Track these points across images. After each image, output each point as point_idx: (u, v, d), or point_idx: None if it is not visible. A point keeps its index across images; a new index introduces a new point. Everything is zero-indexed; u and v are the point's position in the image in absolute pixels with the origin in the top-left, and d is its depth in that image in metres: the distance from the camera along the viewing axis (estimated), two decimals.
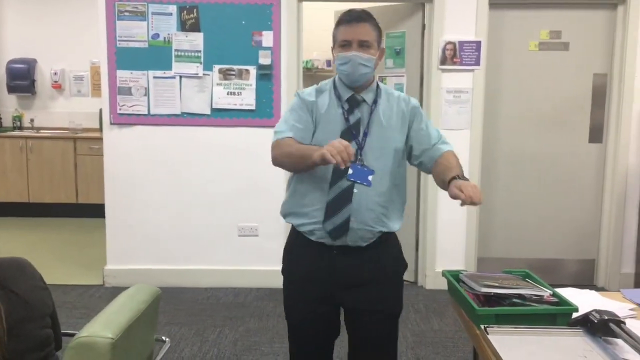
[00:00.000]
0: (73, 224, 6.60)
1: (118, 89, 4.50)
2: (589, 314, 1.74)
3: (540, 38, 4.61)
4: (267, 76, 4.46)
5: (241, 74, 4.47)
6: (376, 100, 2.23)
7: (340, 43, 2.17)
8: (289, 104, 2.25)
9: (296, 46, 4.48)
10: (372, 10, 2.23)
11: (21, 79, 7.01)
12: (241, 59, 4.46)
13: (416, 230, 4.75)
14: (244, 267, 4.64)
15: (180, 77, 4.48)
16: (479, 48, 4.45)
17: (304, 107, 2.22)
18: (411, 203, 4.61)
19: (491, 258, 4.75)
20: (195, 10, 4.42)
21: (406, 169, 2.30)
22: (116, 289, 4.35)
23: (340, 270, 2.17)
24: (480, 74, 4.49)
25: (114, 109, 4.52)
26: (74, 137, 6.74)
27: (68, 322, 3.79)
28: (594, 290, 2.23)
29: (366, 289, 2.19)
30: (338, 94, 2.22)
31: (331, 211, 2.14)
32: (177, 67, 4.47)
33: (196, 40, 4.45)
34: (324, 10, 5.45)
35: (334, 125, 2.17)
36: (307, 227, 2.18)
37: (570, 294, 2.04)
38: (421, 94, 4.63)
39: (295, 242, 2.26)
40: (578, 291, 2.17)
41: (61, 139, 6.73)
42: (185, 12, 4.43)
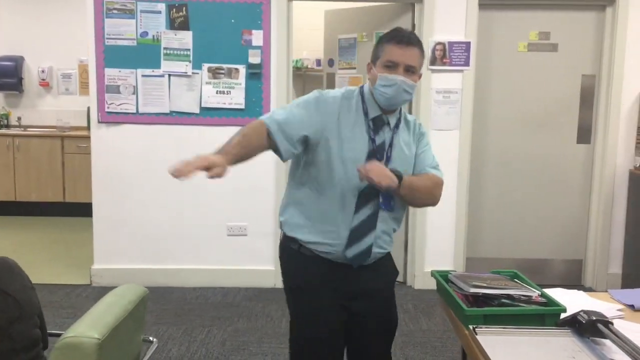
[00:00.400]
0: (60, 223, 6.56)
1: (106, 87, 4.47)
2: (577, 314, 1.74)
3: (530, 39, 4.63)
4: (256, 75, 4.45)
5: (230, 73, 4.45)
6: (398, 125, 2.15)
7: (386, 63, 2.04)
8: (302, 97, 2.14)
9: (286, 45, 4.47)
10: (362, 10, 2.20)
11: (8, 76, 6.94)
12: (231, 58, 4.44)
13: (405, 231, 4.76)
14: (232, 267, 4.62)
15: (169, 75, 4.46)
16: (468, 49, 4.46)
17: (318, 106, 2.07)
18: None
19: (480, 258, 4.77)
20: (184, 8, 4.40)
21: None
22: (103, 288, 4.32)
23: (350, 283, 2.14)
24: (469, 74, 4.50)
25: (102, 107, 4.49)
26: (61, 135, 6.69)
27: (55, 322, 3.76)
28: (581, 290, 2.24)
29: (373, 298, 2.20)
30: (366, 109, 2.11)
31: (355, 238, 2.07)
32: (166, 65, 4.45)
33: (185, 39, 4.43)
34: (314, 9, 5.45)
35: (360, 144, 2.07)
36: (321, 247, 2.10)
37: (558, 294, 2.04)
38: None
39: (299, 257, 2.16)
40: (566, 291, 2.18)
41: (49, 137, 6.68)
42: (174, 10, 4.41)
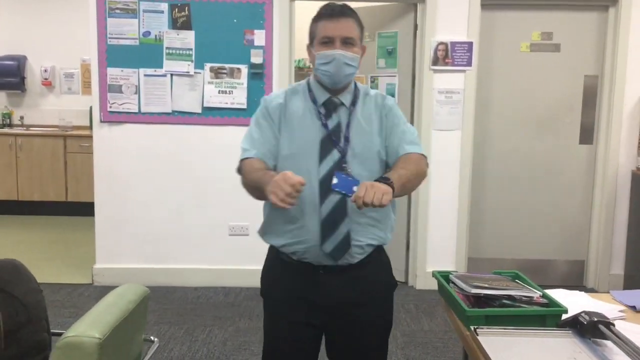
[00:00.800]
0: (62, 222, 6.57)
1: (109, 87, 4.47)
2: (578, 315, 1.74)
3: (532, 39, 4.62)
4: (258, 75, 4.45)
5: (233, 73, 4.45)
6: (355, 102, 2.03)
7: (321, 40, 1.96)
8: (255, 113, 2.08)
9: (288, 45, 4.47)
10: (364, 10, 2.18)
11: (11, 76, 6.95)
12: (233, 58, 4.44)
13: (407, 230, 4.75)
14: (234, 267, 4.63)
15: (172, 75, 4.46)
16: (470, 49, 4.46)
17: (267, 116, 2.02)
18: (402, 203, 4.61)
19: (481, 258, 4.76)
20: (186, 8, 4.41)
21: None
22: (105, 287, 4.32)
23: (327, 291, 1.98)
24: (471, 74, 4.50)
25: (104, 106, 4.50)
26: (64, 134, 6.71)
27: (56, 321, 3.76)
28: (583, 291, 2.23)
29: (355, 311, 2.01)
30: (313, 96, 2.02)
31: (328, 229, 1.93)
32: (168, 65, 4.45)
33: (187, 38, 4.43)
34: (317, 9, 5.44)
35: (311, 132, 1.98)
36: (292, 247, 1.98)
37: (559, 295, 2.04)
38: (413, 95, 4.63)
39: (275, 262, 2.06)
40: (568, 292, 2.17)
41: (51, 136, 6.70)
42: (176, 9, 4.41)
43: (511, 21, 4.62)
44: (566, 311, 1.83)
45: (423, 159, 2.02)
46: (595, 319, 1.69)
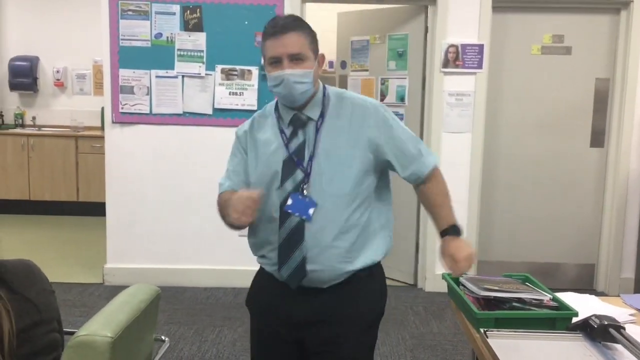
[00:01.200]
0: (73, 222, 6.61)
1: (120, 88, 4.50)
2: (588, 318, 1.73)
3: (543, 42, 4.61)
4: None
5: (243, 75, 4.47)
6: (323, 114, 1.90)
7: (269, 61, 1.85)
8: None
9: None
10: (375, 13, 2.12)
11: (24, 76, 7.00)
12: (244, 60, 4.46)
13: (416, 233, 4.75)
14: (244, 267, 4.60)
15: (183, 76, 4.48)
16: (481, 51, 4.45)
17: (238, 145, 2.01)
18: (411, 205, 4.61)
19: (491, 261, 4.75)
20: (198, 10, 4.43)
21: (388, 182, 2.01)
22: (116, 287, 4.34)
23: (300, 309, 1.90)
24: (482, 77, 4.49)
25: (116, 107, 4.53)
26: (75, 135, 6.75)
27: (67, 321, 3.76)
28: (593, 295, 2.23)
29: (329, 331, 1.89)
30: (279, 116, 1.94)
31: (284, 254, 1.85)
32: (180, 66, 4.47)
33: (199, 40, 4.45)
34: (328, 11, 5.45)
35: (275, 155, 1.89)
36: (266, 267, 1.96)
37: (570, 298, 2.03)
38: (423, 97, 4.63)
39: (260, 274, 2.03)
40: (578, 296, 2.16)
41: (63, 137, 6.74)
42: (188, 11, 4.44)
43: (522, 23, 4.61)
44: (576, 314, 1.83)
45: (439, 173, 2.01)
46: (606, 323, 1.68)
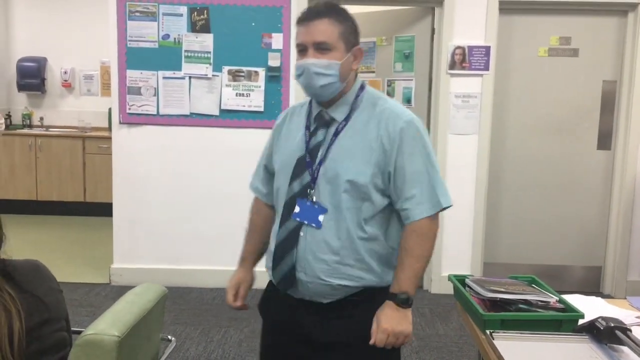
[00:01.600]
0: (80, 222, 6.63)
1: (128, 89, 4.52)
2: (595, 320, 1.73)
3: (550, 44, 4.60)
4: (276, 78, 4.47)
5: (250, 76, 4.48)
6: (349, 117, 1.74)
7: (297, 48, 1.74)
8: None
9: None
10: (381, 15, 2.05)
11: (31, 77, 7.04)
12: (250, 61, 4.47)
13: None
14: None
15: (190, 77, 4.50)
16: (488, 53, 4.45)
17: (271, 139, 1.94)
18: None
19: (497, 263, 4.74)
20: (205, 11, 4.44)
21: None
22: (122, 287, 4.36)
23: (303, 325, 1.79)
24: (489, 79, 4.49)
25: (123, 108, 4.54)
26: (83, 135, 6.77)
27: (74, 320, 3.76)
28: (600, 297, 2.23)
29: (334, 353, 1.75)
30: (310, 109, 1.82)
31: (278, 257, 1.76)
32: (187, 67, 4.49)
33: (206, 42, 4.46)
34: None
35: (294, 150, 1.78)
36: (266, 263, 1.91)
37: (576, 300, 2.03)
38: (429, 98, 4.63)
39: (270, 283, 1.97)
40: (584, 298, 2.16)
41: (70, 137, 6.76)
42: (195, 13, 4.45)
43: (529, 25, 4.60)
44: (583, 316, 1.83)
45: (427, 233, 1.69)
46: (612, 325, 1.68)
